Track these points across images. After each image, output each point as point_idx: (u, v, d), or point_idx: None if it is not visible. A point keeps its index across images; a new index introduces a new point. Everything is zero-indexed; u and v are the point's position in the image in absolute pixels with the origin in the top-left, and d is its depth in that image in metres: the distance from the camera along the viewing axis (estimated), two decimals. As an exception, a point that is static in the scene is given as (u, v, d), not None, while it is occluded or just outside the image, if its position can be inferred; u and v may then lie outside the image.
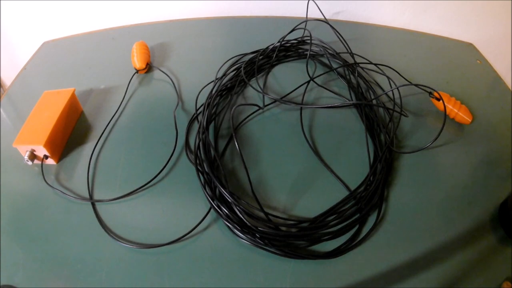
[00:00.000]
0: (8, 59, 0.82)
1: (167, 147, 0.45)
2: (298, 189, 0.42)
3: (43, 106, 0.46)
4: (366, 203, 0.40)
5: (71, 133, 0.48)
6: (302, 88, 0.52)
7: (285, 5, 0.72)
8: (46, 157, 0.43)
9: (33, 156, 0.42)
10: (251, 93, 0.53)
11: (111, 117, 0.50)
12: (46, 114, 0.44)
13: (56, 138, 0.44)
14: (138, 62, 0.56)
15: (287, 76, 0.56)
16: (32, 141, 0.41)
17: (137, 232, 0.38)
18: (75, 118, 0.50)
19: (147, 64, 0.57)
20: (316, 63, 0.58)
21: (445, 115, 0.45)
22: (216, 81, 0.53)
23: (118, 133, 0.48)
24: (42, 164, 0.43)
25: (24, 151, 0.42)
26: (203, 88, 0.53)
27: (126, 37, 0.64)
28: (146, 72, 0.57)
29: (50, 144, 0.42)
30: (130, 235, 0.37)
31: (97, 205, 0.40)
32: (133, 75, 0.55)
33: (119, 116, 0.50)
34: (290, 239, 0.37)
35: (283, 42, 0.60)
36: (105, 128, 0.48)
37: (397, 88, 0.51)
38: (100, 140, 0.47)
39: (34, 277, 0.35)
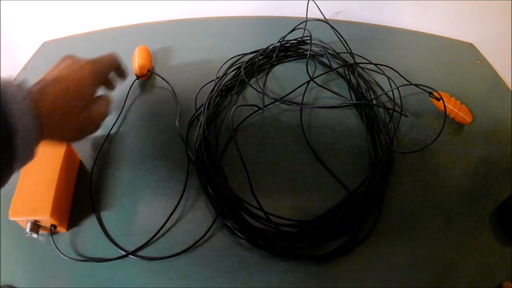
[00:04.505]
0: (8, 59, 0.82)
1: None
2: (299, 189, 0.42)
3: (34, 163, 0.35)
4: (366, 203, 0.40)
5: (74, 191, 0.41)
6: (302, 88, 0.52)
7: (285, 5, 0.72)
8: (54, 226, 0.36)
9: (36, 228, 0.35)
10: (251, 93, 0.53)
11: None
12: (42, 174, 0.37)
13: (61, 201, 0.37)
14: (138, 68, 0.52)
15: (287, 76, 0.56)
16: (33, 211, 0.34)
17: (136, 233, 0.38)
18: (75, 171, 0.42)
19: (148, 70, 0.53)
20: (316, 63, 0.58)
21: (445, 115, 0.45)
22: (217, 80, 0.53)
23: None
24: (52, 237, 0.36)
25: (25, 223, 0.35)
26: (202, 87, 0.53)
27: (126, 37, 0.64)
28: (147, 79, 0.54)
29: (57, 211, 0.35)
30: (129, 237, 0.38)
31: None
32: (133, 82, 0.52)
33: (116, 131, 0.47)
34: (290, 239, 0.37)
35: (283, 42, 0.60)
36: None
37: (397, 88, 0.51)
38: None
39: (34, 277, 0.35)
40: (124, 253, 0.36)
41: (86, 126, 0.38)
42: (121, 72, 0.44)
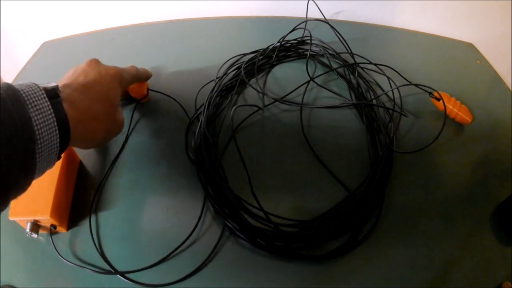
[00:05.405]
0: (8, 59, 0.82)
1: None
2: (298, 189, 0.42)
3: None
4: (366, 203, 0.40)
5: (73, 191, 0.41)
6: (302, 88, 0.52)
7: (285, 5, 0.72)
8: (54, 227, 0.36)
9: (36, 228, 0.35)
10: (251, 93, 0.53)
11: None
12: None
13: (61, 202, 0.37)
14: (138, 96, 0.50)
15: (287, 76, 0.56)
16: (33, 211, 0.34)
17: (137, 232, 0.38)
18: (75, 171, 0.42)
19: (147, 90, 0.51)
20: (316, 63, 0.58)
21: (445, 115, 0.45)
22: (217, 80, 0.53)
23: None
24: (51, 237, 0.36)
25: (25, 223, 0.35)
26: (202, 88, 0.53)
27: (126, 37, 0.64)
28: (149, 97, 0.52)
29: (57, 211, 0.35)
30: (129, 237, 0.38)
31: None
32: (135, 106, 0.50)
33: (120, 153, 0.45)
34: (290, 239, 0.37)
35: (283, 42, 0.60)
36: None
37: (397, 88, 0.51)
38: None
39: (34, 277, 0.35)
40: (112, 271, 0.35)
41: (112, 131, 0.39)
42: (146, 78, 0.49)
